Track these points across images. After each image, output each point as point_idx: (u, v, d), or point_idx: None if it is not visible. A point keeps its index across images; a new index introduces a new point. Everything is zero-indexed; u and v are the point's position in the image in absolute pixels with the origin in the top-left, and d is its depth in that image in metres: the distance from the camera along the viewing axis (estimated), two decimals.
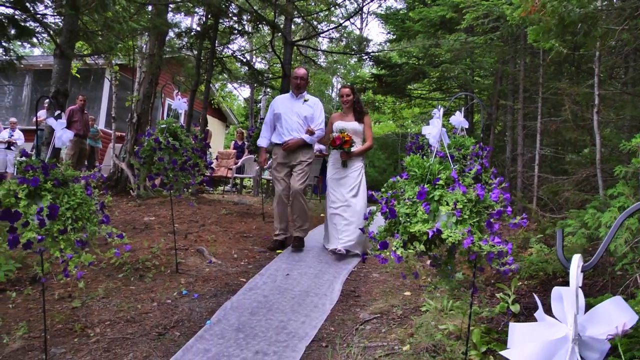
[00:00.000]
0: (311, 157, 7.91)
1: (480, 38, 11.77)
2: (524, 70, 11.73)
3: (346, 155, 7.74)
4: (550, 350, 1.68)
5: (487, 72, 15.50)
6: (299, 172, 7.73)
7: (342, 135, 7.59)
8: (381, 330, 4.87)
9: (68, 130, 4.08)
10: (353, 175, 7.79)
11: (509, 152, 12.49)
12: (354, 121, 7.93)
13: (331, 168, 7.97)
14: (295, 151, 7.81)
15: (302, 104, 7.97)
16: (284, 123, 7.89)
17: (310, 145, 7.97)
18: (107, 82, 18.04)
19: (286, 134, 7.85)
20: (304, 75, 8.09)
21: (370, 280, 6.70)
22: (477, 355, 3.94)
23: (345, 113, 8.11)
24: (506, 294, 4.92)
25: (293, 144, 7.76)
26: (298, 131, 7.84)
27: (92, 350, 4.51)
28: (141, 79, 12.69)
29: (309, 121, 7.88)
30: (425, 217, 3.15)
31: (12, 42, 7.28)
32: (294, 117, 7.87)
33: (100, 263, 6.46)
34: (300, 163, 7.77)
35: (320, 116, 7.97)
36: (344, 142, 7.56)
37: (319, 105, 8.08)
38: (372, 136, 8.08)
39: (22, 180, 3.46)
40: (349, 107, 8.04)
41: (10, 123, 15.69)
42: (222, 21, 15.00)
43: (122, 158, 12.23)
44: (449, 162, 3.45)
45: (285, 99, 8.16)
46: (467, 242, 3.00)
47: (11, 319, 5.14)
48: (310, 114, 7.91)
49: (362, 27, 36.08)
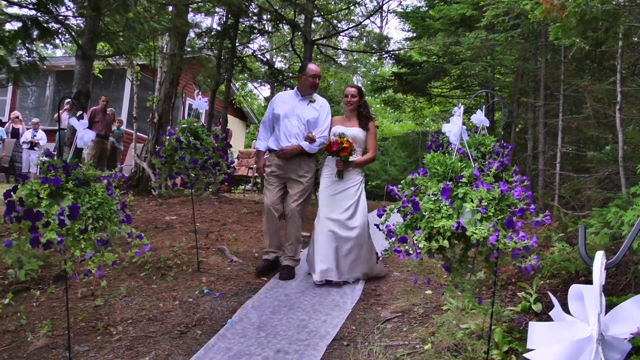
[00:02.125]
0: (312, 171, 6.71)
1: (501, 35, 11.69)
2: (545, 67, 11.63)
3: (343, 164, 6.48)
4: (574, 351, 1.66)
5: (508, 70, 15.41)
6: (296, 190, 6.58)
7: (341, 141, 6.40)
8: (402, 329, 4.86)
9: (90, 131, 4.11)
10: (350, 191, 6.50)
11: (530, 150, 12.41)
12: (356, 127, 6.68)
13: (325, 179, 6.64)
14: (293, 161, 6.60)
15: (307, 105, 6.75)
16: (283, 126, 6.68)
17: (312, 155, 6.72)
18: (128, 82, 18.15)
19: (284, 139, 6.64)
20: (320, 74, 6.91)
21: (391, 279, 6.69)
22: (499, 354, 3.92)
23: (348, 117, 6.85)
24: (528, 293, 4.89)
25: (289, 152, 6.55)
26: (297, 137, 6.62)
27: (115, 348, 4.55)
28: (162, 79, 12.75)
29: (312, 126, 6.67)
30: (449, 212, 3.14)
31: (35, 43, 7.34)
32: (294, 121, 6.65)
33: (122, 262, 6.50)
34: (298, 178, 6.59)
35: (326, 121, 6.75)
36: (341, 149, 6.36)
37: (326, 108, 6.83)
38: (375, 147, 6.85)
39: (44, 180, 3.49)
40: (353, 110, 6.79)
41: (33, 124, 15.83)
42: (242, 21, 15.05)
43: (143, 158, 12.30)
44: (469, 160, 3.44)
45: (289, 97, 6.92)
46: (492, 239, 2.99)
47: (35, 317, 5.20)
48: (315, 117, 6.70)
49: (382, 25, 36.07)
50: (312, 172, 6.69)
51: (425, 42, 17.04)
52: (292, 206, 6.53)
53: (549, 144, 11.96)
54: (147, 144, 12.57)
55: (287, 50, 25.20)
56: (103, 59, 12.94)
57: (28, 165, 15.07)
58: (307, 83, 6.75)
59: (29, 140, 15.29)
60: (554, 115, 11.58)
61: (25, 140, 15.39)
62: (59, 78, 19.64)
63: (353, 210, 6.45)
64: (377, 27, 34.01)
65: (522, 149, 14.24)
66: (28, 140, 15.32)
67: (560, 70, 10.84)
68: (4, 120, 17.32)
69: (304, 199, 6.61)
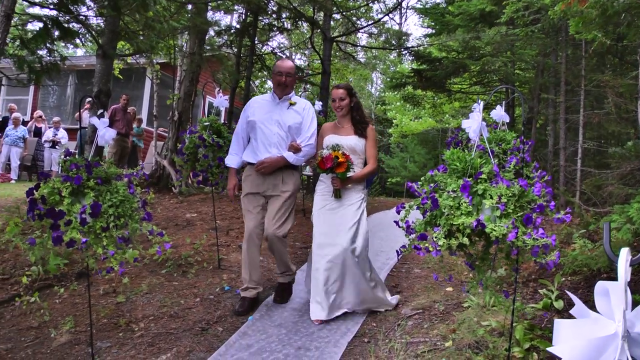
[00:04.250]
0: (295, 185, 5.62)
1: (521, 30, 11.61)
2: (565, 62, 11.54)
3: (340, 182, 5.37)
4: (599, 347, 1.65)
5: (528, 65, 15.30)
6: (278, 209, 5.41)
7: (335, 154, 5.22)
8: (423, 326, 4.85)
9: (110, 129, 4.14)
10: (349, 211, 5.39)
11: (551, 146, 12.31)
12: (352, 135, 5.55)
13: (319, 199, 5.58)
14: (274, 176, 5.51)
15: (287, 110, 5.62)
16: (260, 135, 5.56)
17: (296, 167, 5.69)
18: (148, 81, 18.24)
19: (262, 149, 5.53)
20: (291, 70, 5.66)
21: (411, 276, 6.67)
22: (521, 352, 3.90)
23: (340, 123, 5.70)
24: (549, 290, 4.86)
25: (269, 165, 5.43)
26: (278, 147, 5.52)
27: (137, 345, 4.58)
28: (182, 77, 12.79)
29: (295, 133, 5.59)
30: (469, 209, 3.12)
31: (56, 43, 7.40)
32: (273, 127, 5.54)
33: (144, 259, 6.54)
34: (280, 194, 5.47)
35: (312, 126, 5.65)
36: (336, 165, 5.21)
37: (309, 111, 5.72)
38: (376, 156, 5.66)
39: (65, 178, 3.51)
40: (344, 115, 5.65)
41: (54, 122, 15.95)
42: (261, 18, 15.06)
43: (163, 156, 12.35)
44: (489, 156, 3.42)
45: (265, 101, 5.76)
46: (511, 236, 2.98)
47: (58, 314, 5.25)
48: (297, 122, 5.59)
49: (401, 22, 35.88)
50: (296, 186, 5.60)
51: (445, 38, 16.98)
52: (270, 231, 5.32)
53: (570, 139, 11.88)
54: (167, 142, 12.61)
55: (306, 48, 25.23)
56: (123, 58, 13.03)
57: (50, 164, 15.19)
58: (274, 81, 5.67)
59: (51, 139, 15.40)
60: (575, 111, 11.49)
61: (47, 139, 15.51)
62: (79, 77, 19.77)
63: (353, 232, 5.27)
64: (397, 24, 33.89)
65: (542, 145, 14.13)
66: (50, 139, 15.43)
67: (581, 65, 10.75)
68: (26, 120, 17.46)
69: (285, 218, 5.43)
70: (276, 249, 5.44)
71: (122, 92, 15.99)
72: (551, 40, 12.15)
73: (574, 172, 10.49)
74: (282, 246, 5.45)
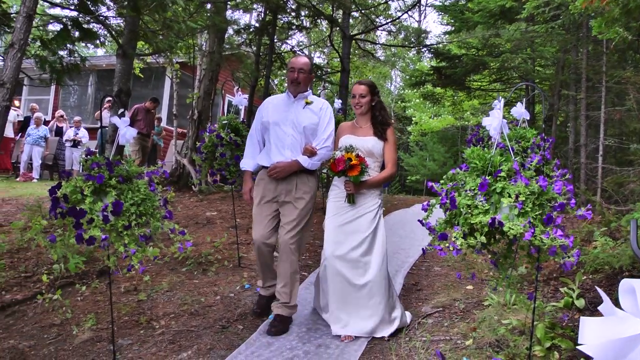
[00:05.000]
0: (312, 192, 5.13)
1: (541, 27, 11.56)
2: (586, 58, 11.47)
3: (353, 186, 4.88)
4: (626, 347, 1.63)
5: (549, 62, 15.23)
6: (290, 217, 4.97)
7: (348, 156, 4.76)
8: (444, 324, 4.84)
9: (131, 128, 4.17)
10: (364, 220, 4.91)
11: (572, 143, 12.25)
12: (371, 136, 5.08)
13: (332, 205, 5.08)
14: (288, 181, 5.04)
15: (302, 109, 5.16)
16: (274, 137, 5.14)
17: (313, 172, 5.17)
18: (167, 80, 18.31)
19: (276, 152, 5.09)
20: (304, 66, 5.20)
21: (432, 274, 6.66)
22: (542, 350, 3.88)
23: (359, 123, 5.24)
24: (570, 289, 4.83)
25: (282, 170, 4.99)
26: (293, 149, 5.07)
27: (158, 342, 4.61)
28: (201, 76, 12.85)
29: (311, 135, 5.13)
30: (486, 208, 3.11)
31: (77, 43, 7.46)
32: (288, 129, 5.10)
33: (164, 257, 6.58)
34: (295, 201, 5.01)
35: (329, 127, 5.18)
36: (349, 167, 4.74)
37: (327, 111, 5.24)
38: (395, 160, 5.15)
39: (87, 177, 3.54)
40: (364, 113, 5.19)
41: (75, 122, 16.10)
42: (280, 17, 15.09)
43: (183, 154, 12.41)
44: (510, 153, 3.41)
45: (280, 100, 5.34)
46: (528, 235, 2.96)
47: (80, 311, 5.30)
48: (313, 123, 5.12)
49: (421, 19, 35.77)
50: (312, 194, 5.12)
51: (464, 35, 16.90)
52: (284, 238, 4.90)
53: (591, 136, 11.82)
54: (187, 141, 12.68)
55: (325, 46, 25.18)
56: (143, 58, 13.09)
57: (71, 163, 15.33)
58: (288, 78, 5.24)
59: (72, 138, 15.55)
60: (596, 108, 11.43)
61: (68, 138, 15.66)
62: (100, 77, 19.90)
63: (368, 245, 4.84)
64: (416, 21, 33.81)
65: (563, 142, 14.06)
66: (70, 138, 15.58)
67: (602, 61, 10.69)
68: (48, 119, 17.61)
69: (301, 228, 4.98)
70: (285, 262, 4.90)
71: (142, 91, 16.10)
72: (572, 37, 12.08)
73: (595, 169, 10.42)
74: (293, 259, 4.91)
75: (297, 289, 4.99)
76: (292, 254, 4.89)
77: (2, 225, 7.69)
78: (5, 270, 6.19)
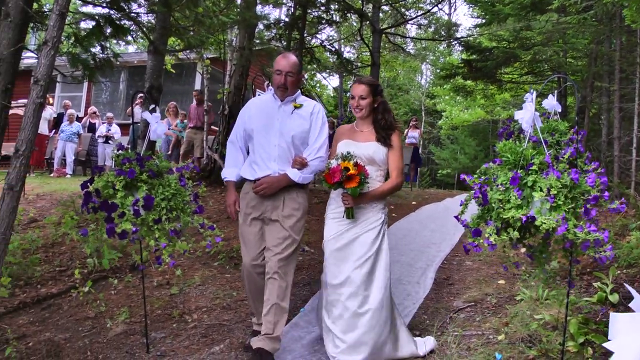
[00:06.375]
0: (302, 209, 4.41)
1: (573, 18, 11.42)
2: (620, 50, 11.30)
3: (352, 199, 4.16)
4: None
5: (581, 53, 15.05)
6: (278, 237, 4.26)
7: (345, 165, 4.03)
8: (475, 319, 4.82)
9: (162, 124, 4.22)
10: (365, 238, 4.23)
11: (605, 136, 12.10)
12: (372, 141, 4.36)
13: (331, 223, 4.39)
14: (275, 197, 4.32)
15: (291, 114, 4.41)
16: (258, 147, 4.41)
17: (303, 186, 4.45)
18: (198, 75, 18.42)
19: (261, 165, 4.37)
20: (293, 68, 4.37)
21: (463, 268, 6.63)
22: (575, 346, 3.84)
23: (359, 127, 4.51)
24: (604, 283, 4.77)
25: (270, 186, 4.27)
26: (280, 161, 4.35)
27: (190, 336, 4.66)
28: (232, 71, 12.88)
29: (301, 144, 4.41)
30: (518, 202, 3.09)
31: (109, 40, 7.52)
32: (273, 138, 4.36)
33: (196, 252, 6.63)
34: (283, 220, 4.30)
35: (321, 135, 4.44)
36: (346, 178, 4.01)
37: (319, 115, 4.49)
38: (401, 168, 4.41)
39: (119, 172, 3.59)
40: (365, 117, 4.43)
41: (107, 118, 16.28)
42: (310, 11, 15.06)
43: (214, 149, 12.47)
44: (543, 147, 3.37)
45: (265, 104, 4.55)
46: (561, 229, 2.93)
47: (114, 305, 5.37)
48: (303, 131, 4.40)
49: (451, 12, 35.58)
50: (303, 211, 4.42)
51: (495, 28, 16.79)
52: (272, 261, 4.21)
53: (625, 129, 11.65)
54: (218, 136, 12.72)
55: (355, 40, 25.18)
56: (174, 54, 13.18)
57: (103, 159, 15.50)
58: (274, 81, 4.44)
59: (104, 134, 15.74)
60: (630, 99, 11.26)
61: (100, 134, 15.86)
62: (131, 73, 20.07)
63: (370, 265, 4.18)
64: (446, 14, 33.61)
65: (596, 135, 13.90)
66: (103, 134, 15.78)
67: (636, 52, 10.53)
68: (80, 116, 17.83)
69: (291, 250, 4.27)
70: (272, 288, 4.18)
71: (173, 87, 16.20)
72: (605, 27, 11.91)
73: (629, 162, 10.28)
74: (283, 285, 4.20)
75: (283, 320, 4.22)
76: (280, 279, 4.18)
77: (37, 220, 7.82)
78: (40, 265, 6.30)
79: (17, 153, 3.49)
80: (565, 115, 14.71)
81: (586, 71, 14.10)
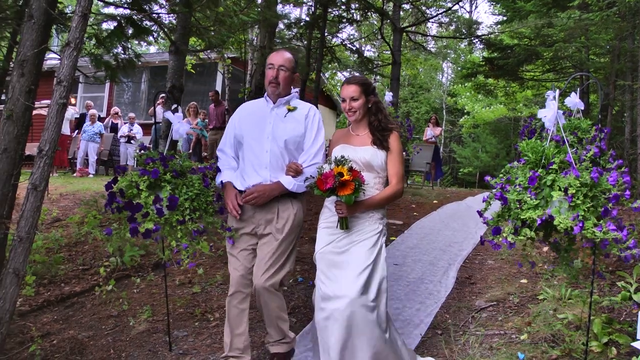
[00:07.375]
0: (295, 220, 4.04)
1: (596, 14, 11.29)
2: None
3: (346, 208, 3.74)
4: None
5: (604, 50, 14.89)
6: (272, 254, 3.91)
7: (339, 171, 3.61)
8: (497, 319, 4.80)
9: (185, 123, 4.24)
10: (360, 248, 3.78)
11: (628, 134, 11.98)
12: (368, 145, 3.96)
13: (323, 233, 3.96)
14: (267, 208, 3.97)
15: (284, 118, 4.09)
16: (249, 154, 4.07)
17: (298, 195, 4.08)
18: (219, 75, 18.51)
19: (252, 173, 4.01)
20: (286, 63, 4.13)
21: (485, 267, 6.59)
22: (599, 346, 3.82)
23: (355, 130, 4.11)
24: (628, 283, 4.73)
25: (262, 195, 3.90)
26: (272, 168, 4.00)
27: (212, 334, 4.68)
28: (253, 70, 12.96)
29: (295, 150, 4.07)
30: (535, 203, 3.07)
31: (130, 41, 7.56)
32: (265, 143, 4.02)
33: (218, 250, 6.65)
34: (274, 233, 3.96)
35: (317, 140, 4.12)
36: (339, 184, 3.58)
37: (315, 118, 4.17)
38: (401, 174, 3.99)
39: (143, 171, 3.61)
40: (359, 120, 4.03)
41: (129, 118, 16.39)
42: (330, 10, 15.11)
43: None
44: (566, 145, 3.34)
45: (257, 108, 4.24)
46: (577, 229, 2.92)
47: (136, 303, 5.41)
48: (297, 135, 4.06)
49: (472, 10, 35.45)
50: (297, 222, 4.07)
51: (517, 25, 16.66)
52: (257, 282, 3.86)
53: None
54: None
55: (376, 39, 25.14)
56: (195, 54, 13.24)
57: (125, 158, 15.61)
58: (267, 78, 4.11)
59: (126, 134, 15.84)
60: None
61: (122, 134, 15.97)
62: (153, 73, 20.20)
63: (365, 278, 3.65)
64: (467, 12, 33.48)
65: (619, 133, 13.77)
66: (125, 134, 15.88)
67: None
68: (102, 116, 17.97)
69: (280, 264, 3.92)
70: (265, 307, 3.90)
71: (194, 87, 16.27)
72: (628, 24, 11.78)
73: None
74: (275, 302, 3.91)
75: (287, 326, 4.03)
76: (272, 295, 3.88)
77: (61, 219, 7.89)
78: (63, 263, 6.36)
79: (40, 153, 3.53)
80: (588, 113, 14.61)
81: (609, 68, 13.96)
